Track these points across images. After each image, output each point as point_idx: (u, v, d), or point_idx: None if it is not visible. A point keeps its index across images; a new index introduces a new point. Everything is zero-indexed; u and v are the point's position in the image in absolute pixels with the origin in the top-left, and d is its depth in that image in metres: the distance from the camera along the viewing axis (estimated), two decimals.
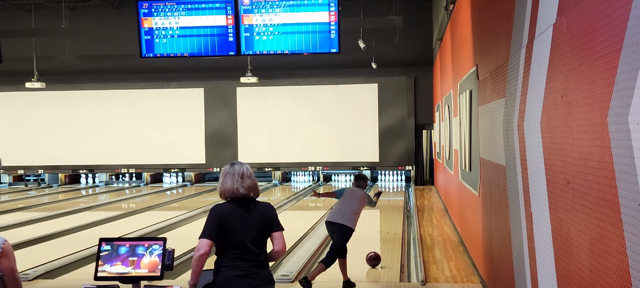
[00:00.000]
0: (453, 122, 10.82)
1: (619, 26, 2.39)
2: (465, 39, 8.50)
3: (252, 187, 3.80)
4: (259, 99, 20.37)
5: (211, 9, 7.73)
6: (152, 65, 18.66)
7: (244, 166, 3.86)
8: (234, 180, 3.75)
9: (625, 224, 2.35)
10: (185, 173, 21.65)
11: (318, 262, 6.69)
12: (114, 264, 3.75)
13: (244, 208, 3.73)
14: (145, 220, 12.39)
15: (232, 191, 3.73)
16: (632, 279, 2.30)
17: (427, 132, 20.10)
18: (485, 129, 6.26)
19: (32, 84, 17.55)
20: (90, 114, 21.02)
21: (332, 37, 7.55)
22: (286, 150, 20.34)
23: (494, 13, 5.79)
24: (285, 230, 3.87)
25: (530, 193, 4.05)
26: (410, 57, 19.49)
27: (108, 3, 19.92)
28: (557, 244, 3.37)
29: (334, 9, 7.53)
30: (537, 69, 3.74)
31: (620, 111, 2.38)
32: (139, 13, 7.84)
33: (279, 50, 7.65)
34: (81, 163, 20.99)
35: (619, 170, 2.41)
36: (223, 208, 3.72)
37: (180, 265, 7.66)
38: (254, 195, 3.82)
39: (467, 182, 8.34)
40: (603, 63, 2.58)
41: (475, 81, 7.11)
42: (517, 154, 4.45)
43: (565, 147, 3.16)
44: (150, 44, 7.82)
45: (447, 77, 12.45)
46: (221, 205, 3.76)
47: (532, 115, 3.89)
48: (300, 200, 16.83)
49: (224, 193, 3.76)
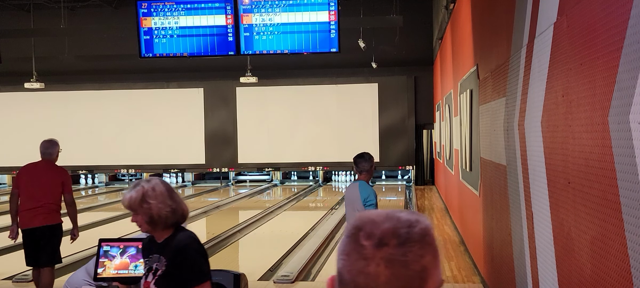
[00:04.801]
0: (453, 122, 10.81)
1: (619, 25, 2.38)
2: (465, 38, 8.49)
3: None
4: (259, 99, 20.36)
5: (210, 9, 7.72)
6: (152, 65, 18.64)
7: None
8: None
9: (627, 224, 2.35)
10: (185, 173, 21.65)
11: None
12: (114, 265, 3.74)
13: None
14: None
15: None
16: (634, 279, 2.29)
17: (427, 131, 20.09)
18: (486, 128, 6.25)
19: (31, 84, 17.54)
20: (90, 114, 21.00)
21: (331, 37, 7.54)
22: (286, 150, 20.33)
23: (494, 12, 5.78)
24: (286, 230, 3.83)
25: (531, 193, 4.04)
26: (411, 56, 19.48)
27: (107, 3, 19.91)
28: (558, 244, 3.36)
29: (334, 8, 7.53)
30: (538, 68, 3.73)
31: (621, 110, 2.37)
32: (138, 13, 7.83)
33: (279, 50, 7.64)
34: (80, 164, 20.97)
35: (620, 169, 2.40)
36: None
37: None
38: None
39: (468, 182, 8.33)
40: (604, 62, 2.57)
41: (475, 80, 7.10)
42: (518, 154, 4.44)
43: (566, 146, 3.15)
44: (150, 43, 7.81)
45: (448, 76, 12.44)
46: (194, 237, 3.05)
47: (533, 114, 3.88)
48: (300, 200, 16.82)
49: (184, 217, 3.08)
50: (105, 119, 20.95)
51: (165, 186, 3.03)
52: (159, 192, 2.97)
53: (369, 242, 1.05)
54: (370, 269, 1.03)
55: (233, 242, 10.39)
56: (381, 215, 1.09)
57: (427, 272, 1.05)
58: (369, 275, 1.03)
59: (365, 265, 1.04)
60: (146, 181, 3.05)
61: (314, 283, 7.33)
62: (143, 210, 2.97)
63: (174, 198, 3.02)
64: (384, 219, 1.07)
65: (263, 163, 20.67)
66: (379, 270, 1.03)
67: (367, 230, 1.06)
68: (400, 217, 1.08)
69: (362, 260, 1.04)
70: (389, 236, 1.05)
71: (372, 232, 1.05)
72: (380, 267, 1.03)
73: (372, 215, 1.09)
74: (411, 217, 1.08)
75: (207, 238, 10.46)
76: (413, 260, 1.04)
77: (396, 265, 1.03)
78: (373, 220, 1.08)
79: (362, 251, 1.05)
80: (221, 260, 8.95)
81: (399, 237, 1.04)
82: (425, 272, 1.05)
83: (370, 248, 1.04)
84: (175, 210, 3.00)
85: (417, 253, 1.04)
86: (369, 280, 1.03)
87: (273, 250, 9.07)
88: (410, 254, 1.04)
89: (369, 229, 1.06)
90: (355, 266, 1.05)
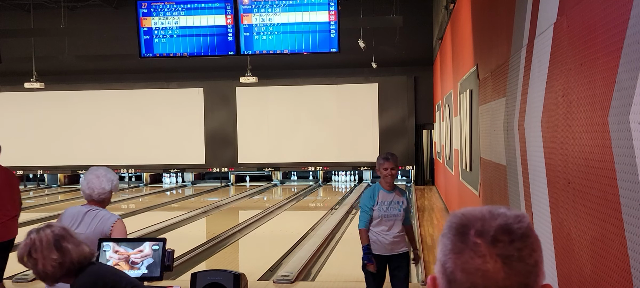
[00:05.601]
0: (453, 122, 10.81)
1: (619, 25, 2.38)
2: (465, 38, 8.49)
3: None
4: (259, 99, 20.36)
5: (210, 9, 7.72)
6: (152, 65, 18.64)
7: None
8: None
9: (626, 224, 2.34)
10: (185, 173, 21.65)
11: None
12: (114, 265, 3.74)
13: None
14: (145, 221, 12.38)
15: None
16: (633, 279, 2.29)
17: (427, 131, 20.08)
18: (486, 128, 6.25)
19: (31, 84, 17.53)
20: (90, 114, 21.00)
21: (331, 37, 7.54)
22: (286, 150, 20.32)
23: (494, 12, 5.78)
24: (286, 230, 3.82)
25: (531, 193, 4.04)
26: (411, 56, 19.47)
27: (107, 3, 19.91)
28: (558, 244, 3.36)
29: (334, 9, 7.52)
30: (538, 68, 3.73)
31: (621, 110, 2.37)
32: (138, 13, 7.83)
33: (279, 50, 7.64)
34: (80, 164, 20.96)
35: (620, 169, 2.40)
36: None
37: (180, 266, 7.66)
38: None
39: (468, 182, 8.32)
40: (604, 62, 2.57)
41: (475, 80, 7.10)
42: (518, 154, 4.44)
43: (566, 146, 3.15)
44: (150, 43, 7.81)
45: (448, 76, 12.44)
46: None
47: (533, 114, 3.88)
48: (300, 200, 16.82)
49: (81, 263, 2.90)
50: (105, 119, 20.95)
51: (54, 235, 2.80)
52: (45, 244, 2.76)
53: (482, 239, 1.04)
54: (488, 266, 1.03)
55: (233, 242, 10.39)
56: (484, 211, 1.08)
57: (539, 266, 1.07)
58: (487, 272, 1.03)
59: (482, 263, 1.03)
60: (36, 231, 2.82)
61: (314, 283, 7.33)
62: (30, 265, 2.79)
63: (62, 249, 2.78)
64: (491, 216, 1.07)
65: (263, 163, 20.67)
66: (496, 267, 1.03)
67: (478, 227, 1.06)
68: (506, 213, 1.08)
69: (478, 258, 1.03)
70: (502, 233, 1.05)
71: (484, 229, 1.05)
72: (497, 264, 1.03)
73: (475, 213, 1.09)
74: (515, 213, 1.09)
75: (207, 238, 10.47)
76: (528, 254, 1.05)
77: (513, 260, 1.04)
78: (480, 218, 1.07)
79: (476, 249, 1.04)
80: (221, 260, 8.95)
81: (512, 233, 1.05)
82: (538, 266, 1.07)
83: (485, 245, 1.04)
84: (63, 263, 2.77)
85: (530, 247, 1.06)
86: (487, 277, 1.03)
87: (273, 250, 9.07)
88: (525, 249, 1.05)
89: (479, 227, 1.06)
90: (471, 264, 1.04)
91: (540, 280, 1.07)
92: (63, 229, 2.87)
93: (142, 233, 10.69)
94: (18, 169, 21.37)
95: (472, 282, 1.04)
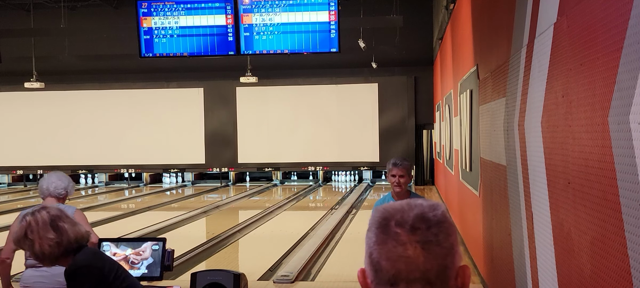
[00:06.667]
0: (453, 122, 10.81)
1: (619, 25, 2.37)
2: (465, 38, 8.49)
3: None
4: (259, 99, 20.36)
5: (211, 9, 7.72)
6: (152, 65, 18.63)
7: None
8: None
9: (626, 224, 2.34)
10: (185, 173, 21.65)
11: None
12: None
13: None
14: (145, 221, 12.38)
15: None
16: (633, 279, 2.29)
17: (427, 131, 20.09)
18: (486, 128, 6.25)
19: (31, 84, 17.53)
20: (90, 114, 21.00)
21: (332, 37, 7.54)
22: (286, 150, 20.33)
23: (494, 12, 5.78)
24: (286, 230, 3.83)
25: (531, 193, 4.04)
26: (411, 56, 19.47)
27: (107, 3, 19.91)
28: (557, 244, 3.36)
29: (334, 8, 7.52)
30: (538, 69, 3.73)
31: (621, 111, 2.37)
32: (138, 12, 7.83)
33: (279, 50, 7.64)
34: (80, 164, 20.97)
35: (620, 170, 2.40)
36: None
37: (180, 266, 7.66)
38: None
39: (468, 182, 8.32)
40: (604, 62, 2.57)
41: (475, 80, 7.10)
42: (518, 154, 4.44)
43: (566, 146, 3.15)
44: (150, 43, 7.81)
45: (448, 76, 12.44)
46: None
47: (533, 114, 3.88)
48: (300, 200, 16.82)
49: (78, 241, 2.89)
50: (105, 119, 20.95)
51: (49, 215, 2.81)
52: (41, 225, 2.77)
53: (402, 229, 1.15)
54: (409, 252, 1.13)
55: (233, 242, 10.39)
56: (403, 204, 1.19)
57: (455, 248, 1.18)
58: (409, 258, 1.13)
59: (403, 250, 1.13)
60: (31, 213, 2.84)
61: (314, 283, 7.33)
62: (27, 247, 2.80)
63: (58, 229, 2.79)
64: (409, 207, 1.17)
65: (263, 163, 20.67)
66: (417, 252, 1.13)
67: (397, 218, 1.16)
68: (422, 204, 1.18)
69: (400, 246, 1.14)
70: (419, 221, 1.15)
71: (403, 220, 1.15)
72: (417, 249, 1.13)
73: (395, 206, 1.19)
74: (430, 203, 1.19)
75: (207, 238, 10.47)
76: (443, 238, 1.16)
77: (432, 245, 1.14)
78: (399, 210, 1.17)
79: (397, 238, 1.14)
80: (221, 260, 8.95)
81: (428, 221, 1.15)
82: (454, 248, 1.18)
83: (405, 234, 1.14)
84: (60, 243, 2.78)
85: (446, 232, 1.17)
86: (409, 263, 1.13)
87: (273, 250, 9.07)
88: (441, 234, 1.16)
89: (399, 218, 1.16)
90: (394, 252, 1.14)
91: (457, 261, 1.18)
92: (58, 210, 2.90)
93: (142, 233, 10.69)
94: (18, 169, 21.38)
95: (396, 269, 1.14)
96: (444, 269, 1.15)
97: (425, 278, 1.13)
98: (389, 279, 1.14)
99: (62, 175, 4.74)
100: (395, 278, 1.13)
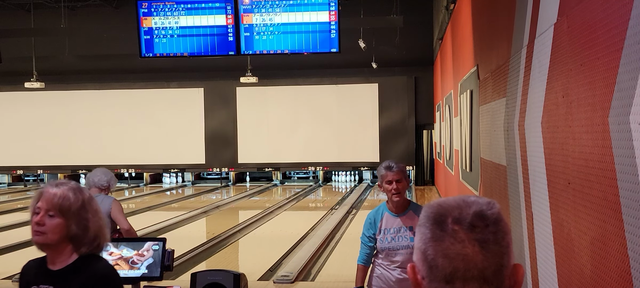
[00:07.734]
0: (453, 122, 10.81)
1: (619, 25, 2.37)
2: (465, 39, 8.49)
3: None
4: (259, 99, 20.36)
5: (211, 9, 7.72)
6: (152, 65, 18.63)
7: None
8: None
9: (627, 224, 2.34)
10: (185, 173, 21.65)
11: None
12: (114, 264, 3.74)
13: None
14: (145, 220, 12.38)
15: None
16: (633, 279, 2.29)
17: (427, 132, 20.08)
18: (486, 128, 6.25)
19: (31, 84, 17.53)
20: (90, 114, 21.00)
21: (332, 37, 7.54)
22: (286, 150, 20.33)
23: (494, 12, 5.78)
24: (286, 230, 3.79)
25: (531, 194, 4.04)
26: (411, 56, 19.47)
27: (107, 3, 19.91)
28: (557, 244, 3.36)
29: (334, 9, 7.53)
30: (538, 69, 3.73)
31: (621, 111, 2.37)
32: (138, 12, 7.83)
33: (279, 50, 7.64)
34: (80, 164, 20.95)
35: (620, 170, 2.40)
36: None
37: (180, 266, 7.66)
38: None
39: (468, 182, 8.32)
40: (604, 63, 2.57)
41: (475, 81, 7.10)
42: (518, 154, 4.44)
43: (566, 147, 3.15)
44: (150, 43, 7.81)
45: (448, 76, 12.44)
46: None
47: (533, 115, 3.88)
48: (300, 200, 16.82)
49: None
50: (105, 119, 20.95)
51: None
52: (95, 205, 2.28)
53: (460, 226, 1.13)
54: (467, 251, 1.11)
55: (233, 242, 10.39)
56: (458, 200, 1.17)
57: (510, 247, 1.16)
58: (467, 256, 1.11)
59: (462, 248, 1.11)
60: (77, 186, 2.27)
61: (314, 284, 7.33)
62: (76, 221, 2.20)
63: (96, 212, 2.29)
64: (465, 204, 1.16)
65: (263, 163, 20.66)
66: (475, 250, 1.12)
67: (455, 215, 1.14)
68: (478, 201, 1.17)
69: (458, 243, 1.12)
70: (477, 219, 1.13)
71: (461, 217, 1.13)
72: (476, 248, 1.12)
73: (450, 202, 1.17)
74: (487, 200, 1.18)
75: (207, 238, 10.47)
76: (501, 237, 1.14)
77: (490, 243, 1.13)
78: (456, 206, 1.15)
79: (455, 235, 1.12)
80: (221, 260, 8.95)
81: (486, 219, 1.14)
82: (509, 247, 1.16)
83: (463, 231, 1.12)
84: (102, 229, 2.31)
85: (503, 230, 1.15)
86: (467, 261, 1.11)
87: (273, 250, 9.06)
88: (499, 233, 1.14)
89: (456, 214, 1.14)
90: (451, 250, 1.12)
91: (511, 260, 1.16)
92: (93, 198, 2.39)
93: (142, 233, 10.69)
94: (18, 169, 21.38)
95: (453, 267, 1.11)
96: (500, 268, 1.13)
97: (482, 277, 1.12)
98: (445, 277, 1.12)
99: (106, 170, 5.35)
100: (452, 276, 1.12)
